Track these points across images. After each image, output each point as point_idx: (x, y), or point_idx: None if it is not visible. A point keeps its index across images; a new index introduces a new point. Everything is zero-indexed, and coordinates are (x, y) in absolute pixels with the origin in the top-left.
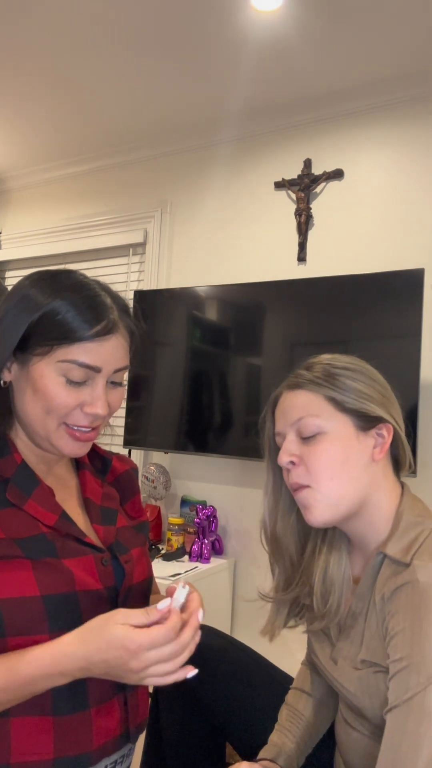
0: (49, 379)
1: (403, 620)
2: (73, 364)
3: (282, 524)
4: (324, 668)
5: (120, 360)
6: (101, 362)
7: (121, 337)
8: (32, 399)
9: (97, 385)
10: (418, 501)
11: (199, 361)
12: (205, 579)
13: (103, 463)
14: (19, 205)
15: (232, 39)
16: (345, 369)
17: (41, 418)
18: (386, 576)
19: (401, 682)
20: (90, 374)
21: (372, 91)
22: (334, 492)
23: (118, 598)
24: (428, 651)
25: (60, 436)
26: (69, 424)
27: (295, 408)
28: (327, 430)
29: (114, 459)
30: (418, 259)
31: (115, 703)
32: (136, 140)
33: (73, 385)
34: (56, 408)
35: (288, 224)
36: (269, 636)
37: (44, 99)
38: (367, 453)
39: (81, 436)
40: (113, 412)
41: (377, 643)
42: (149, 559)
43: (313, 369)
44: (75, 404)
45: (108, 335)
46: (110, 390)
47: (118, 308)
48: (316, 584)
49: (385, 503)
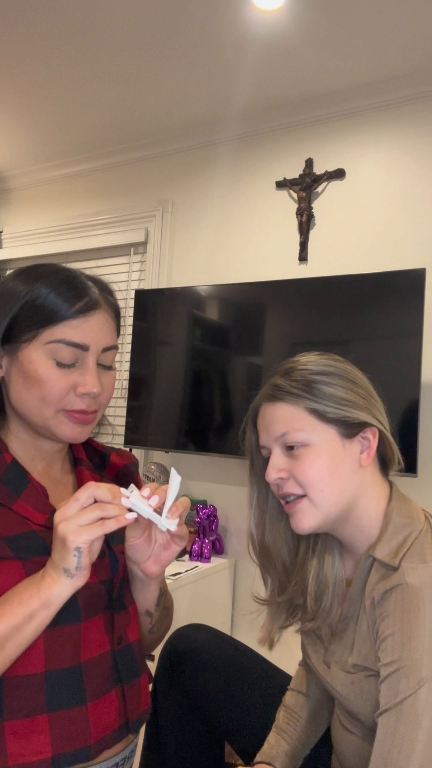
0: (39, 363)
1: (393, 623)
2: (60, 344)
3: (271, 533)
4: (317, 671)
5: (107, 337)
6: (88, 339)
7: (106, 314)
8: (25, 387)
9: (87, 364)
10: (406, 501)
11: (200, 360)
12: (206, 578)
13: (102, 458)
14: (20, 204)
15: (233, 38)
16: (323, 374)
17: (37, 407)
18: (376, 579)
19: (392, 685)
20: (78, 354)
21: (374, 91)
22: (325, 501)
23: (113, 591)
24: (418, 654)
25: (59, 421)
26: (66, 410)
27: (277, 422)
28: (312, 443)
29: (113, 454)
30: (420, 259)
31: (113, 695)
32: (137, 139)
33: (64, 368)
34: (50, 393)
35: (289, 224)
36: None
37: (45, 98)
38: (354, 459)
39: (80, 417)
40: (108, 397)
41: (368, 647)
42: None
43: (291, 376)
44: (67, 386)
45: (91, 311)
46: (102, 373)
47: (98, 287)
48: (310, 584)
49: (374, 506)
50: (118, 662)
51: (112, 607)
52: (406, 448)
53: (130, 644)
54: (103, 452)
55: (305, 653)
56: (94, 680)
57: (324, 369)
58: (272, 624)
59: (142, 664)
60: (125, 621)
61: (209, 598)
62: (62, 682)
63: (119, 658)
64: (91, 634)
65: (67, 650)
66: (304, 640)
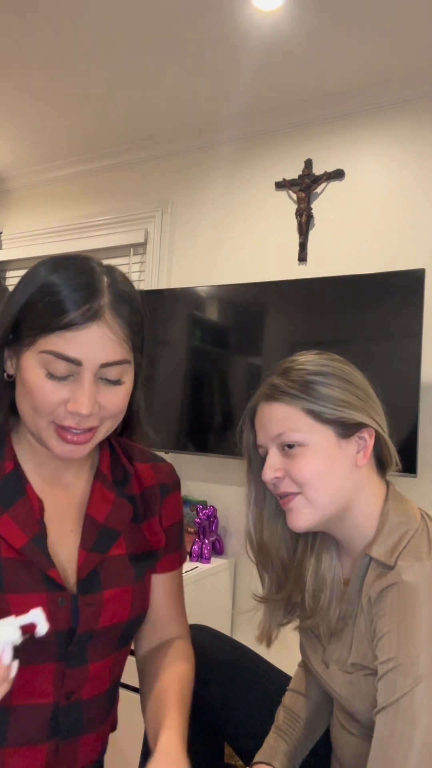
0: (32, 371)
1: (390, 622)
2: (50, 356)
3: (269, 531)
4: (316, 671)
5: (107, 352)
6: (81, 354)
7: (107, 327)
8: (21, 394)
9: (81, 380)
10: (402, 500)
11: (200, 361)
12: (206, 579)
13: (125, 474)
14: (19, 205)
15: (232, 38)
16: (320, 375)
17: (31, 416)
18: (372, 578)
19: (389, 683)
20: (72, 368)
21: (373, 91)
22: (321, 499)
23: (69, 644)
24: (415, 652)
25: (50, 436)
26: (58, 423)
27: (274, 422)
28: (309, 443)
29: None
30: (419, 259)
31: (43, 748)
32: (136, 140)
33: (56, 380)
34: (40, 404)
35: (289, 224)
36: (266, 642)
37: (45, 99)
38: (350, 459)
39: (71, 438)
40: (112, 415)
41: (366, 646)
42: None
43: (288, 376)
44: (58, 401)
45: (89, 323)
46: (103, 388)
47: (113, 294)
48: (308, 581)
49: (370, 505)
50: (60, 716)
51: (66, 659)
52: (406, 448)
53: (82, 701)
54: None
55: (304, 654)
56: (22, 727)
57: (321, 369)
58: (270, 621)
59: (93, 721)
60: (81, 676)
61: (209, 598)
62: None
63: (63, 713)
64: (31, 680)
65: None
66: (303, 640)
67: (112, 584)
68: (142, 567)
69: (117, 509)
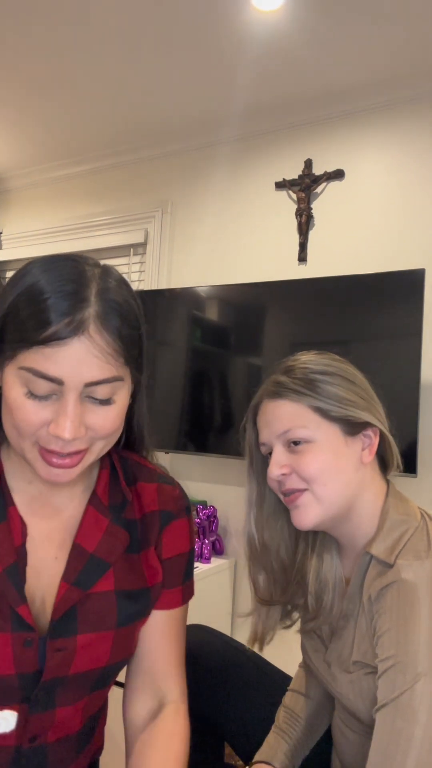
0: (12, 389)
1: (390, 620)
2: (29, 373)
3: (269, 532)
4: (318, 671)
5: (93, 371)
6: (63, 373)
7: (91, 341)
8: (4, 411)
9: (64, 401)
10: (403, 499)
11: (200, 361)
12: (206, 579)
13: (123, 498)
14: (19, 205)
15: (232, 39)
16: (324, 374)
17: (15, 437)
18: (373, 576)
19: (389, 681)
20: (54, 387)
21: (373, 91)
22: (328, 496)
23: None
24: (414, 650)
25: (34, 458)
26: (41, 445)
27: (280, 419)
28: (316, 440)
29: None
30: (419, 260)
31: None
32: (136, 140)
33: (36, 399)
34: (19, 425)
35: (288, 224)
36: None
37: (45, 99)
38: (356, 456)
39: (58, 462)
40: (104, 435)
41: (367, 644)
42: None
43: (292, 374)
44: (39, 422)
45: (69, 338)
46: (91, 408)
47: (101, 304)
48: (311, 583)
49: (372, 503)
50: (21, 760)
51: (29, 702)
52: (406, 449)
53: (47, 744)
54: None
55: (305, 653)
56: None
57: (325, 368)
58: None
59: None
60: (46, 721)
61: (209, 598)
62: None
63: (26, 756)
64: None
65: None
66: (305, 640)
67: (89, 628)
68: (130, 608)
69: (109, 537)
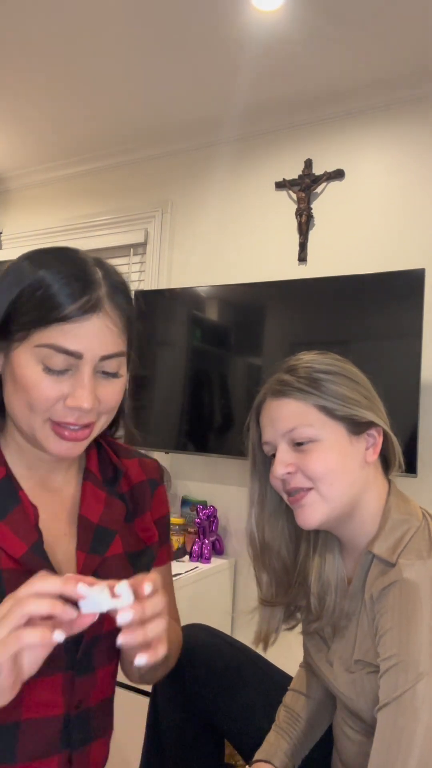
0: (27, 368)
1: (391, 619)
2: (50, 349)
3: (271, 531)
4: (320, 671)
5: (107, 345)
6: (82, 347)
7: (107, 318)
8: (14, 392)
9: (80, 374)
10: (405, 499)
11: (200, 361)
12: (206, 579)
13: (115, 472)
14: (19, 205)
15: (232, 39)
16: (328, 373)
17: (25, 415)
18: (375, 575)
19: (390, 680)
20: (71, 361)
21: (373, 91)
22: (334, 495)
23: (77, 652)
24: (416, 649)
25: (46, 434)
26: (54, 420)
27: (285, 418)
28: (321, 438)
29: (132, 465)
30: (419, 259)
31: (55, 760)
32: (136, 140)
33: (54, 374)
34: (36, 401)
35: (289, 224)
36: (263, 644)
37: (44, 99)
38: (360, 455)
39: (69, 435)
40: (109, 409)
41: (369, 643)
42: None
43: (296, 373)
44: (56, 396)
45: (88, 314)
46: (102, 381)
47: (109, 285)
48: (313, 584)
49: (374, 503)
50: (71, 727)
51: (74, 668)
52: (406, 448)
53: (90, 708)
54: (116, 465)
55: (307, 653)
56: (32, 741)
57: (329, 368)
58: (268, 624)
59: (100, 728)
60: (89, 684)
61: (209, 598)
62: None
63: (73, 723)
64: (39, 693)
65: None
66: (306, 640)
67: None
68: (139, 566)
69: (110, 508)
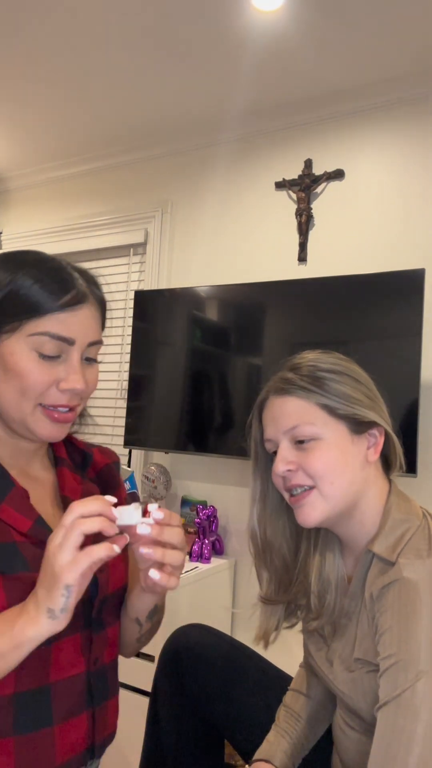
0: (21, 355)
1: (391, 618)
2: (45, 337)
3: (272, 529)
4: (320, 670)
5: (93, 332)
6: (74, 333)
7: (93, 308)
8: (4, 380)
9: (71, 359)
10: (405, 498)
11: (200, 361)
12: (206, 579)
13: (83, 457)
14: (19, 205)
15: (232, 39)
16: (331, 372)
17: (16, 401)
18: (375, 574)
19: (390, 679)
20: (63, 347)
21: (373, 91)
22: (335, 493)
23: (92, 611)
24: (415, 648)
25: (36, 418)
26: (45, 404)
27: (287, 416)
28: (323, 437)
29: (95, 452)
30: (419, 260)
31: (83, 717)
32: (136, 140)
33: (47, 360)
34: (31, 386)
35: (288, 224)
36: (264, 642)
37: (44, 99)
38: (361, 454)
39: (59, 417)
40: (90, 392)
41: (369, 642)
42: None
43: (299, 371)
44: (50, 381)
45: (78, 305)
46: (86, 367)
47: (85, 279)
48: (313, 583)
49: (375, 502)
50: (92, 684)
51: (91, 626)
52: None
53: (105, 665)
54: (84, 451)
55: (307, 652)
56: (63, 701)
57: (332, 367)
58: (268, 622)
59: (113, 686)
60: (103, 642)
61: (209, 598)
62: (29, 704)
63: (94, 680)
64: (63, 653)
65: (35, 671)
66: (306, 639)
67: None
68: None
69: (86, 490)
